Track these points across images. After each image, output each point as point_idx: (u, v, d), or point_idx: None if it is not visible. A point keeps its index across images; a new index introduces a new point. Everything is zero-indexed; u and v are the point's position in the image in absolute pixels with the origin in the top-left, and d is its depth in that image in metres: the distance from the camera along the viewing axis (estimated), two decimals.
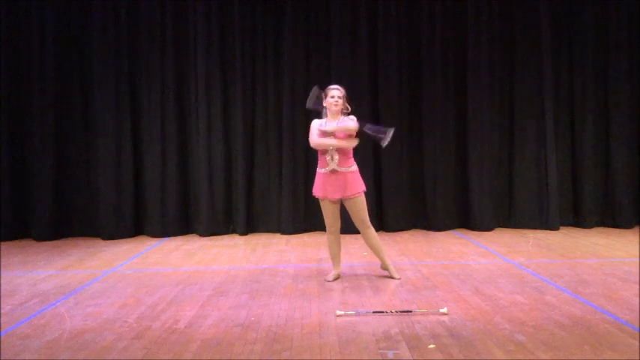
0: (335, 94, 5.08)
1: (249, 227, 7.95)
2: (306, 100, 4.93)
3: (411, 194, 8.01)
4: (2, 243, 7.39)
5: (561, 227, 7.82)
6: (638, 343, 3.54)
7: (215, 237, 7.74)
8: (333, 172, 5.03)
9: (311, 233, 7.87)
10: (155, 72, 7.86)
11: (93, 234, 7.81)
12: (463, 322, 3.97)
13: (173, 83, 7.90)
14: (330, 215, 5.14)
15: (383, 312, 4.19)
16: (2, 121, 7.75)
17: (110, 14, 7.78)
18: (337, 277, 5.23)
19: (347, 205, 5.10)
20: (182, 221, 7.96)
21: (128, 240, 7.64)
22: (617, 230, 7.72)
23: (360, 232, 5.22)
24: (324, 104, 5.11)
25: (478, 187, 7.89)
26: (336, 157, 5.02)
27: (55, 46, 7.76)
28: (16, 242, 7.57)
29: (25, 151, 7.88)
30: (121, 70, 7.82)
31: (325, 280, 5.17)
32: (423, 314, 4.15)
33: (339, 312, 4.17)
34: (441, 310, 4.17)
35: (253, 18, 7.95)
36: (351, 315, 4.16)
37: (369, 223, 5.16)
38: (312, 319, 4.11)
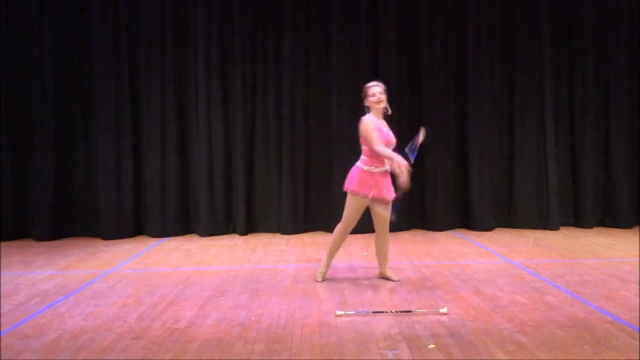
0: (376, 91, 4.92)
1: (249, 227, 7.95)
2: (306, 101, 4.86)
3: (412, 194, 7.99)
4: (2, 243, 7.39)
5: (561, 227, 7.83)
6: (638, 343, 3.55)
7: (215, 237, 7.74)
8: (386, 172, 4.94)
9: (311, 233, 7.87)
10: (155, 72, 7.86)
11: (93, 234, 7.81)
12: (463, 322, 3.97)
13: (173, 83, 7.90)
14: (358, 215, 4.99)
15: (383, 312, 4.19)
16: (2, 121, 7.75)
17: (110, 14, 7.77)
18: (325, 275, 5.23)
19: (384, 209, 4.98)
20: (182, 221, 7.96)
21: (128, 240, 7.64)
22: (617, 230, 7.73)
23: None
24: (366, 104, 4.96)
25: (478, 187, 7.89)
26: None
27: (55, 46, 7.77)
28: (16, 242, 7.57)
29: (25, 151, 7.88)
30: (121, 70, 7.82)
31: (316, 281, 5.14)
32: (423, 314, 4.15)
33: (339, 312, 4.17)
34: (441, 310, 4.17)
35: (253, 18, 7.95)
36: (351, 315, 4.16)
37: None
38: (312, 319, 4.11)
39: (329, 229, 7.73)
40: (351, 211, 4.94)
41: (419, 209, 8.04)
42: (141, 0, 7.85)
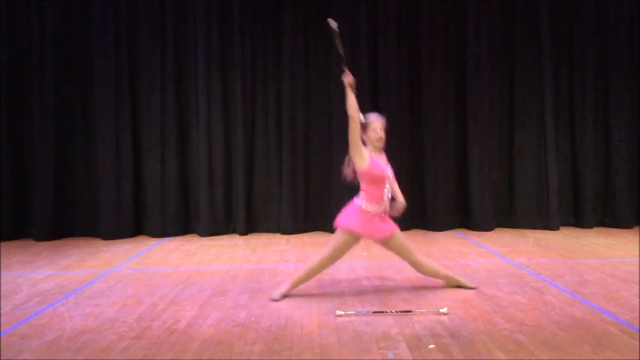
0: (377, 127, 4.54)
1: (249, 227, 7.95)
2: (306, 101, 4.77)
3: (411, 194, 7.99)
4: (2, 243, 7.39)
5: (561, 227, 7.83)
6: (638, 343, 3.54)
7: (215, 237, 7.74)
8: (385, 211, 4.60)
9: (311, 233, 7.88)
10: (155, 72, 7.86)
11: (93, 234, 7.81)
12: (463, 322, 3.97)
13: (173, 83, 7.91)
14: (345, 253, 4.67)
15: (383, 312, 4.18)
16: (2, 121, 7.75)
17: (110, 14, 7.78)
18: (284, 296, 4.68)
19: (393, 243, 4.68)
20: (182, 221, 7.97)
21: (128, 240, 7.64)
22: (617, 230, 7.73)
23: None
24: (363, 137, 4.53)
25: (478, 187, 7.89)
26: (389, 194, 4.61)
27: (55, 46, 7.77)
28: (16, 242, 7.57)
29: (25, 151, 7.88)
30: (121, 70, 7.82)
31: (272, 299, 4.58)
32: (423, 314, 4.15)
33: (339, 312, 4.17)
34: (441, 310, 4.17)
35: (253, 18, 7.95)
36: (351, 315, 4.15)
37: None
38: (312, 319, 4.11)
39: (329, 229, 7.75)
40: (338, 246, 4.60)
41: (419, 209, 8.03)
42: (141, 0, 7.85)
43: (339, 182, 5.08)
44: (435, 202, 7.94)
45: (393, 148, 7.85)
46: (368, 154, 4.52)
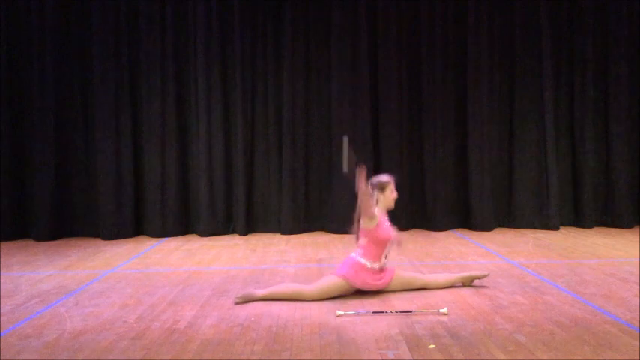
0: (394, 187, 4.70)
1: (249, 227, 7.95)
2: (306, 101, 4.77)
3: (411, 194, 8.02)
4: (2, 243, 7.40)
5: (561, 227, 7.84)
6: (638, 343, 3.54)
7: (215, 237, 7.74)
8: (381, 269, 4.67)
9: (311, 233, 7.88)
10: (155, 72, 7.86)
11: (93, 234, 7.82)
12: (463, 322, 3.97)
13: (173, 83, 7.91)
14: (334, 296, 4.59)
15: (383, 312, 4.18)
16: (2, 120, 7.76)
17: (110, 14, 7.78)
18: (246, 301, 4.55)
19: (395, 285, 4.73)
20: (182, 221, 7.97)
21: (128, 240, 7.65)
22: (617, 230, 7.73)
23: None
24: (380, 198, 4.64)
25: (478, 187, 7.89)
26: (389, 253, 4.71)
27: (55, 46, 7.77)
28: (16, 242, 7.58)
29: (25, 151, 7.88)
30: (121, 70, 7.83)
31: (235, 302, 4.51)
32: (423, 314, 4.15)
33: (339, 312, 4.17)
34: (441, 310, 4.17)
35: (253, 18, 7.95)
36: (351, 315, 4.15)
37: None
38: (312, 319, 4.11)
39: (329, 229, 7.78)
40: (327, 288, 4.56)
41: (419, 209, 8.04)
42: (141, 0, 7.85)
43: (339, 182, 5.08)
44: (435, 202, 7.94)
45: (393, 148, 7.97)
46: (377, 215, 4.61)
